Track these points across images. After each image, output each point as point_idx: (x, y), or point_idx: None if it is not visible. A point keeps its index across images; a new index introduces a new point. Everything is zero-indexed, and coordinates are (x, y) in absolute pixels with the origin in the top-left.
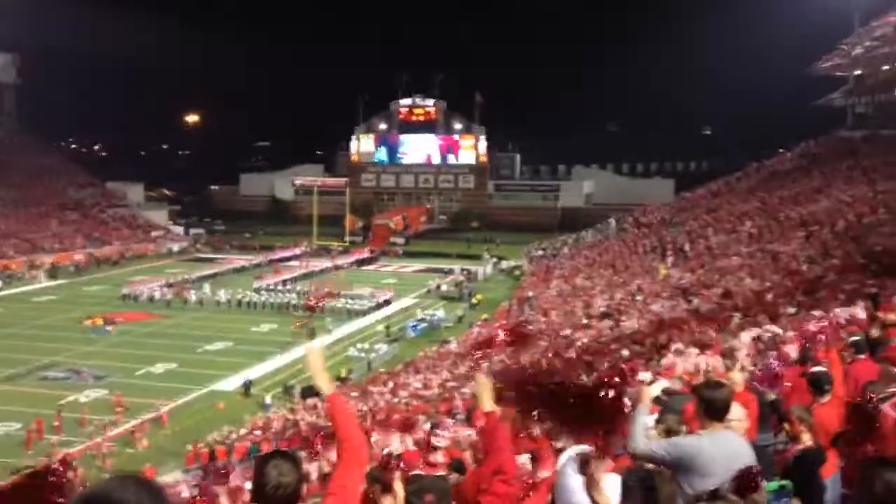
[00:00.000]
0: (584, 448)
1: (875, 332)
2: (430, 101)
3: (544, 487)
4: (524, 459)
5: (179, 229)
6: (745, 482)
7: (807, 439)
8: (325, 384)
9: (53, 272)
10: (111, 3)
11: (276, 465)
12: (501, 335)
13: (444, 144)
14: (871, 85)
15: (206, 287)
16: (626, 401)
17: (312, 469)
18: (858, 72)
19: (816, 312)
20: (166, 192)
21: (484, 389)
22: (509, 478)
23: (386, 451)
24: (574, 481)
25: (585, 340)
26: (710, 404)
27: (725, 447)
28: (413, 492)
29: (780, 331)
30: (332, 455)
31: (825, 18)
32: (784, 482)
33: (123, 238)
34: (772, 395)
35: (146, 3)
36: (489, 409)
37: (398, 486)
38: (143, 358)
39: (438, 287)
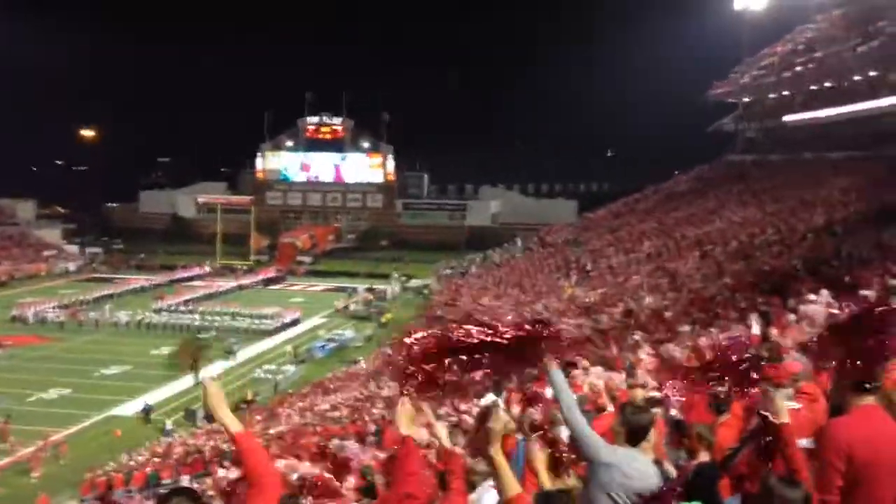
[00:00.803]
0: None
1: (764, 352)
2: (338, 119)
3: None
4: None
5: (74, 248)
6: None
7: (703, 457)
8: (231, 422)
9: None
10: (6, 8)
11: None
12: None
13: (352, 163)
14: (759, 111)
15: (106, 308)
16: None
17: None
18: (747, 98)
19: (712, 330)
20: (60, 209)
21: (404, 413)
22: (417, 502)
23: (296, 476)
24: None
25: None
26: (633, 427)
27: (635, 463)
28: None
29: (677, 350)
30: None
31: (720, 46)
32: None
33: (13, 258)
34: (677, 415)
35: (45, 11)
36: (405, 433)
37: None
38: (34, 383)
39: (347, 307)
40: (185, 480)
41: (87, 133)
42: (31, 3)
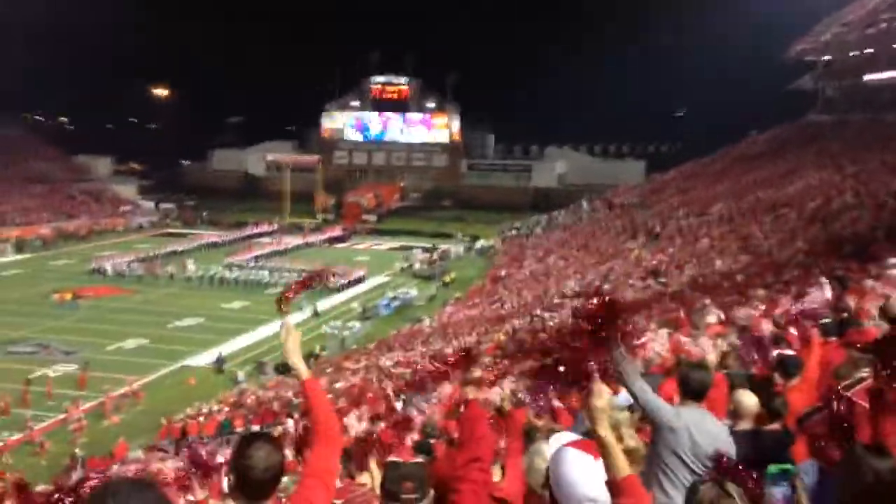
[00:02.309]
0: (574, 435)
1: (843, 315)
2: (404, 79)
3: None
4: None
5: (149, 204)
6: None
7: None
8: (302, 368)
9: (20, 246)
10: None
11: (260, 447)
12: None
13: (417, 122)
14: (839, 70)
15: (181, 262)
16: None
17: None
18: (827, 57)
19: (786, 295)
20: (135, 166)
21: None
22: (486, 466)
23: (359, 430)
24: (576, 470)
25: (558, 320)
26: (688, 383)
27: (701, 423)
28: (392, 479)
29: (753, 312)
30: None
31: (800, 2)
32: (787, 466)
33: (91, 212)
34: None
35: None
36: (471, 397)
37: (374, 467)
38: (113, 333)
39: (411, 265)
40: (256, 429)
41: (161, 92)
42: None
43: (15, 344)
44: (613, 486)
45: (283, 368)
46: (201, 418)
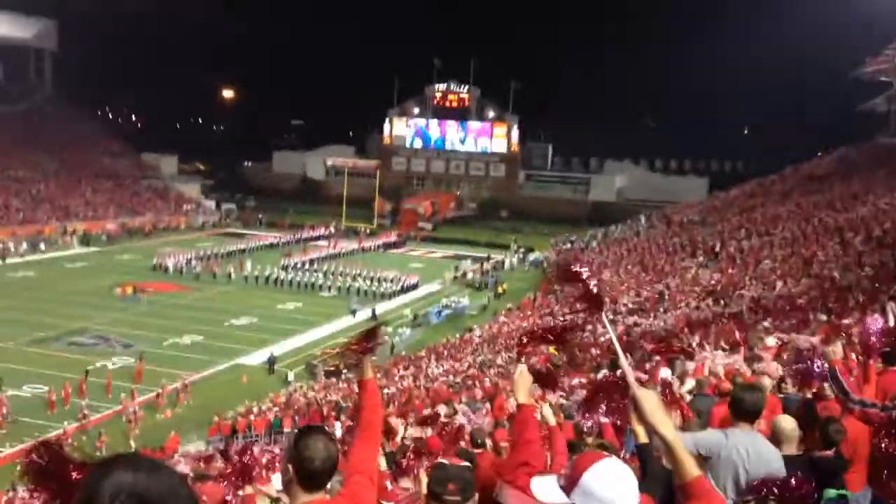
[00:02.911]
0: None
1: None
2: (465, 88)
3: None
4: None
5: (211, 203)
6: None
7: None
8: (369, 369)
9: (85, 239)
10: None
11: (318, 439)
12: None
13: (477, 131)
14: None
15: (239, 262)
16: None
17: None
18: None
19: (847, 320)
20: (200, 165)
21: (522, 382)
22: (534, 470)
23: (408, 436)
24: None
25: (609, 336)
26: (740, 404)
27: (751, 447)
28: (437, 480)
29: (813, 340)
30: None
31: (873, 21)
32: (844, 491)
33: (156, 209)
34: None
35: None
36: (523, 401)
37: (422, 474)
38: (170, 328)
39: (464, 274)
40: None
41: (227, 93)
42: None
43: (77, 335)
44: (683, 489)
45: (334, 372)
46: (252, 416)
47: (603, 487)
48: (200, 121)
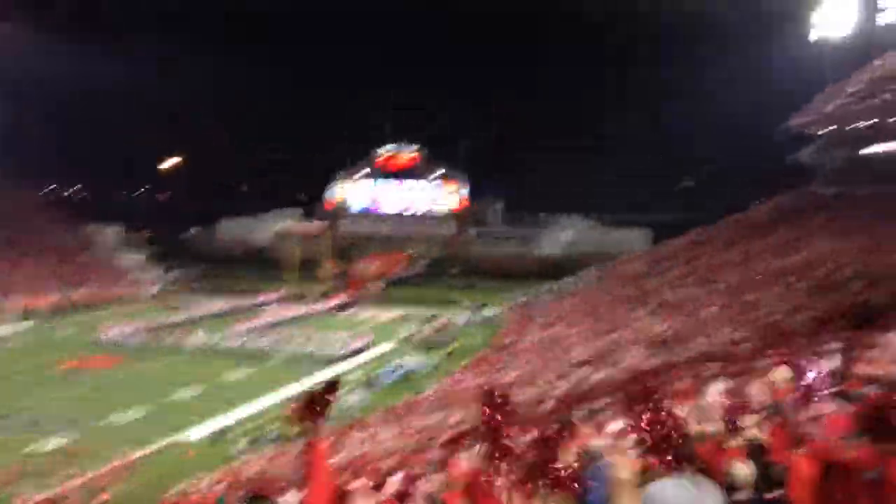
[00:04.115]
0: None
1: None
2: (413, 148)
3: None
4: None
5: (156, 273)
6: None
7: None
8: (315, 431)
9: (26, 314)
10: (97, 42)
11: None
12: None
13: (425, 190)
14: (841, 142)
15: (184, 332)
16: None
17: None
18: (831, 128)
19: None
20: (145, 234)
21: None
22: None
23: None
24: None
25: (564, 389)
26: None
27: (687, 491)
28: None
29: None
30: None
31: (801, 77)
32: None
33: (99, 281)
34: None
35: (137, 40)
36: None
37: None
38: (114, 404)
39: (416, 334)
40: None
41: (171, 161)
42: (122, 30)
43: (10, 416)
44: None
45: (284, 438)
46: (197, 494)
47: None
48: (145, 189)
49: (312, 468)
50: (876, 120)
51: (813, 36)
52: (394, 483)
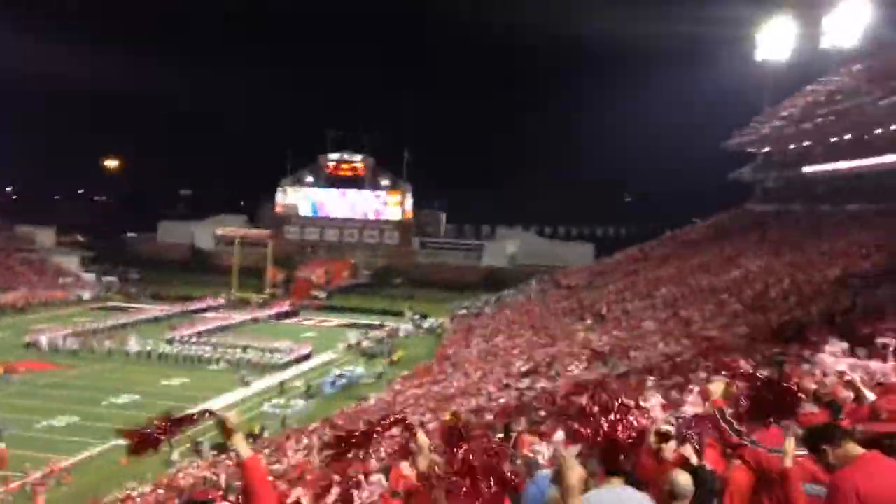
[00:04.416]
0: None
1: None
2: (358, 157)
3: None
4: None
5: (91, 276)
6: None
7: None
8: (243, 449)
9: None
10: (37, 35)
11: None
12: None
13: (370, 199)
14: (779, 161)
15: (119, 337)
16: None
17: None
18: (767, 148)
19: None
20: (79, 237)
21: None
22: None
23: None
24: None
25: (504, 400)
26: (605, 459)
27: (616, 501)
28: None
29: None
30: None
31: (742, 96)
32: None
33: (31, 283)
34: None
35: (73, 40)
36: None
37: None
38: (44, 410)
39: (359, 343)
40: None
41: (111, 163)
42: (59, 30)
43: None
44: None
45: (221, 447)
46: (130, 502)
47: None
48: (81, 191)
49: (248, 486)
50: (810, 142)
51: (758, 56)
52: (333, 494)
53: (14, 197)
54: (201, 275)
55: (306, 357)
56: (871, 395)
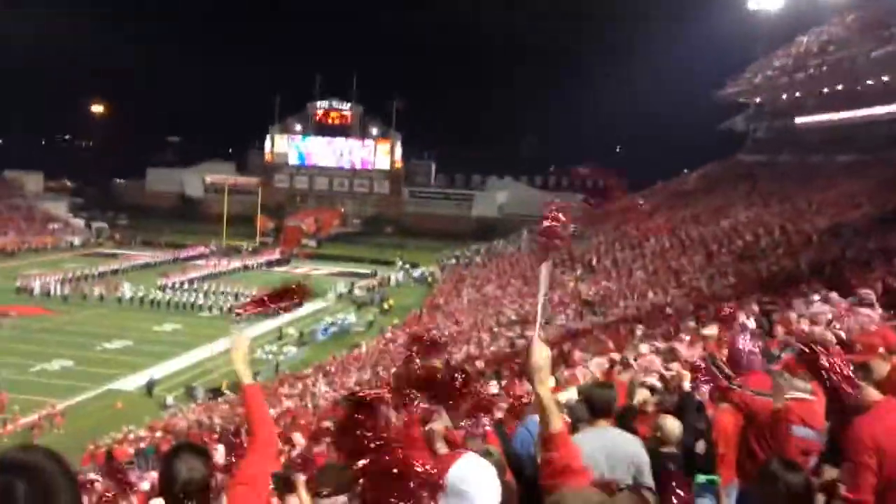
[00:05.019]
0: None
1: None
2: (347, 105)
3: None
4: None
5: (80, 222)
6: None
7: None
8: (245, 374)
9: None
10: None
11: (184, 460)
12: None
13: (359, 148)
14: (770, 112)
15: (111, 283)
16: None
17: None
18: (759, 99)
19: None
20: (68, 183)
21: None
22: None
23: (295, 453)
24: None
25: (494, 349)
26: (592, 402)
27: (606, 442)
28: (315, 478)
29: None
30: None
31: (733, 46)
32: (713, 476)
33: (19, 230)
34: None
35: None
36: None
37: (302, 489)
38: (37, 354)
39: (350, 291)
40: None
41: (97, 108)
42: None
43: None
44: (547, 440)
45: (216, 393)
46: (126, 444)
47: (467, 483)
48: (67, 137)
49: (246, 410)
50: (799, 94)
51: (750, 5)
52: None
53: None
54: (190, 222)
55: (298, 305)
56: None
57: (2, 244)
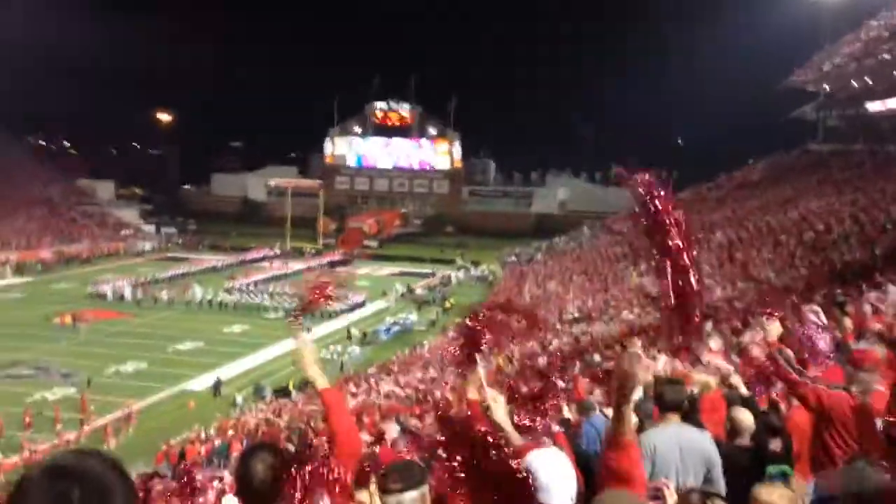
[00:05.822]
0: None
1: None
2: (406, 105)
3: None
4: None
5: (150, 228)
6: None
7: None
8: (319, 379)
9: (20, 269)
10: None
11: (259, 459)
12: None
13: (418, 148)
14: (840, 99)
15: (181, 287)
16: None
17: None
18: (828, 86)
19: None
20: (137, 190)
21: (473, 380)
22: None
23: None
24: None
25: (557, 344)
26: (663, 398)
27: (675, 438)
28: (382, 475)
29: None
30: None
31: (799, 32)
32: (784, 467)
33: (93, 236)
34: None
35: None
36: (472, 398)
37: (373, 488)
38: (112, 356)
39: (412, 291)
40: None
41: (163, 117)
42: None
43: (13, 367)
44: (616, 446)
45: (282, 392)
46: (198, 444)
47: (545, 473)
48: (136, 145)
49: (329, 410)
50: (870, 80)
51: None
52: (392, 433)
53: (72, 151)
54: (254, 226)
55: (361, 305)
56: None
57: (77, 251)
